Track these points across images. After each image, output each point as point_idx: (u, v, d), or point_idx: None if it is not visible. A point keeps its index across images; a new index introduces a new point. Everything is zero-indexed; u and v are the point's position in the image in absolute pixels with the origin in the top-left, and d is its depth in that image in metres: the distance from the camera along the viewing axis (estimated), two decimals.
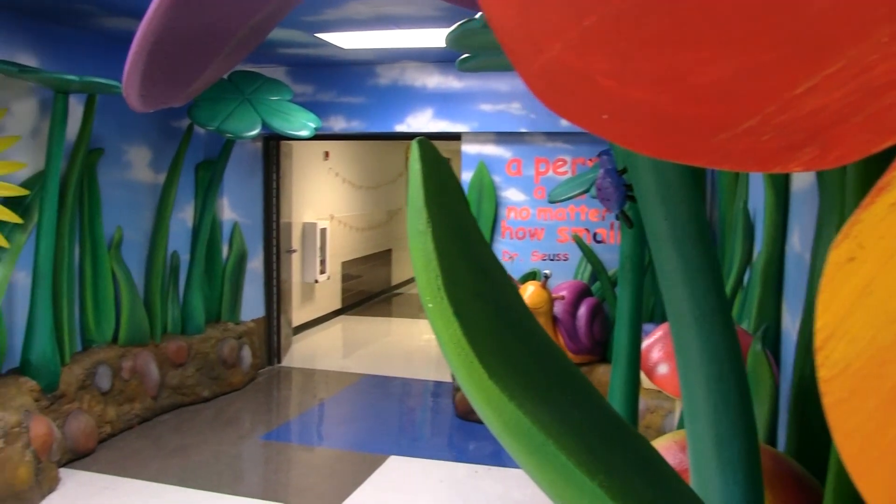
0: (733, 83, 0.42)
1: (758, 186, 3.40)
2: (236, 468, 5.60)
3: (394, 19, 5.44)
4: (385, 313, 11.94)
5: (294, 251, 8.97)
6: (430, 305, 0.78)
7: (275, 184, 8.12)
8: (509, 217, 6.96)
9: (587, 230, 6.80)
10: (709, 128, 0.44)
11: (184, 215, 7.06)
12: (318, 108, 7.26)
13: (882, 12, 0.39)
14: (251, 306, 7.84)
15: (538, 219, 6.94)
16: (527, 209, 6.93)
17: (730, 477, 1.11)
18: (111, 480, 5.13)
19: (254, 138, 6.76)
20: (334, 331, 10.47)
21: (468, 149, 7.07)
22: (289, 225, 8.53)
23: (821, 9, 0.38)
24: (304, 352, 9.01)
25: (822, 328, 0.45)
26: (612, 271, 6.43)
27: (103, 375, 5.80)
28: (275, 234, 8.17)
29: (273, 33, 5.47)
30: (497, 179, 6.97)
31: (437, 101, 7.14)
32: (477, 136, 7.05)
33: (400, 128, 7.28)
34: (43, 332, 5.19)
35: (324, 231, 10.00)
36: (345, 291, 11.44)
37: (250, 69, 7.04)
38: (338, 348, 9.65)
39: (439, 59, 6.95)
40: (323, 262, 10.01)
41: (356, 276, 11.84)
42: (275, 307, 8.23)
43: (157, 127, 6.70)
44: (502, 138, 7.01)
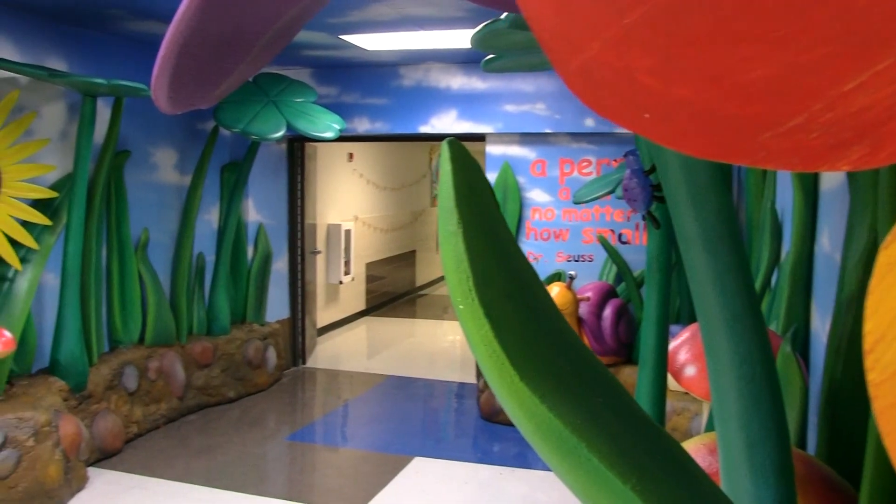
0: (779, 80, 0.41)
1: (785, 186, 3.37)
2: (261, 468, 5.63)
3: (417, 20, 5.44)
4: (409, 314, 11.95)
5: (318, 252, 9.00)
6: (461, 307, 0.78)
7: (299, 185, 8.15)
8: (534, 218, 6.94)
9: (612, 231, 6.77)
10: (753, 126, 0.43)
11: (209, 217, 7.11)
12: (342, 109, 7.28)
13: None
14: (276, 307, 7.88)
15: (563, 220, 6.91)
16: (551, 210, 6.91)
17: (761, 481, 1.10)
18: (138, 480, 5.17)
19: (278, 140, 6.78)
20: (359, 332, 10.49)
21: (492, 150, 7.05)
22: (313, 226, 8.56)
23: (869, 4, 0.37)
24: (328, 353, 9.04)
25: (872, 331, 0.44)
26: (637, 272, 6.39)
27: (130, 376, 5.85)
28: (299, 236, 8.20)
29: (297, 35, 5.49)
30: (521, 180, 6.95)
31: (462, 101, 7.13)
32: (501, 137, 7.04)
33: (424, 129, 7.28)
34: (71, 333, 5.24)
35: (348, 232, 10.03)
36: (369, 293, 11.46)
37: (275, 71, 7.08)
38: (362, 349, 9.67)
39: (463, 59, 6.95)
40: (347, 264, 10.03)
41: (380, 278, 11.86)
42: (299, 308, 8.26)
43: (183, 129, 6.75)
44: (527, 139, 6.99)
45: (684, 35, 0.41)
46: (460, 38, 5.87)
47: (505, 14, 2.06)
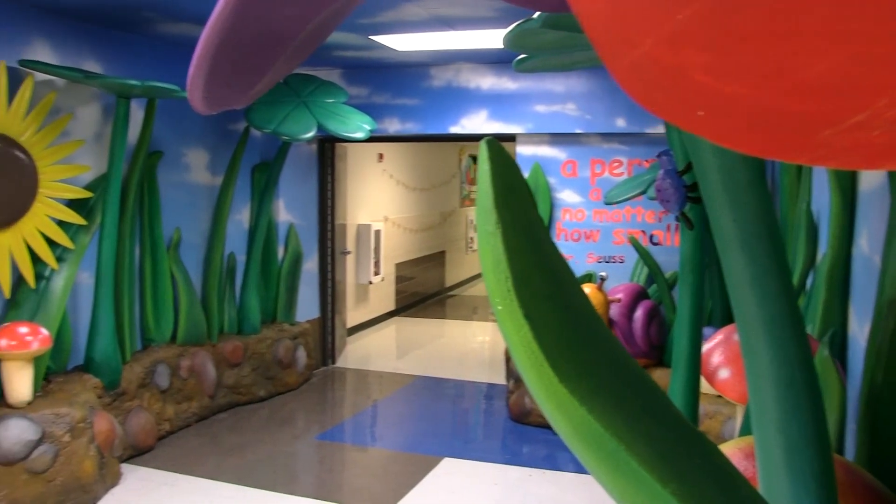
0: (841, 75, 0.39)
1: (821, 187, 3.32)
2: (291, 467, 5.65)
3: (448, 21, 5.43)
4: (439, 315, 11.95)
5: (348, 252, 9.03)
6: (500, 307, 0.77)
7: (330, 186, 8.18)
8: (564, 219, 6.91)
9: (643, 232, 6.72)
10: (813, 123, 0.42)
11: (240, 217, 7.16)
12: (372, 110, 7.30)
13: None
14: (306, 307, 7.91)
15: (594, 220, 6.87)
16: (582, 211, 6.87)
17: (801, 487, 1.08)
18: (170, 477, 5.21)
19: (309, 140, 6.81)
20: (388, 332, 10.51)
21: (523, 150, 7.03)
22: (343, 226, 8.58)
23: None
24: (358, 353, 9.07)
25: None
26: (668, 274, 6.33)
27: (162, 374, 5.90)
28: (329, 236, 8.23)
29: (328, 36, 5.52)
30: (552, 181, 6.92)
31: (492, 102, 7.12)
32: (531, 138, 7.01)
33: (454, 129, 7.28)
34: (105, 331, 5.30)
35: (378, 232, 10.05)
36: (398, 293, 11.48)
37: (306, 72, 7.11)
38: (391, 349, 9.68)
39: (494, 60, 6.93)
40: (377, 264, 10.05)
41: (410, 278, 11.88)
42: (329, 308, 8.29)
43: (215, 130, 6.80)
44: (557, 139, 6.96)
45: (740, 30, 0.40)
46: (491, 38, 5.85)
47: (537, 13, 2.05)
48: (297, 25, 0.85)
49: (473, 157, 14.97)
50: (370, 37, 5.98)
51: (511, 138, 7.14)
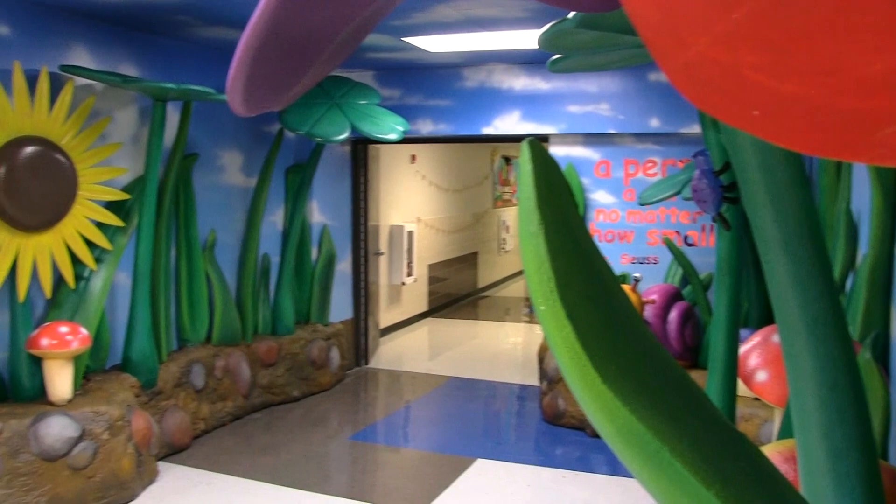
0: None
1: (860, 186, 3.27)
2: (325, 467, 5.68)
3: (481, 21, 5.43)
4: (471, 316, 11.94)
5: (381, 254, 9.05)
6: (543, 308, 0.76)
7: (363, 187, 8.21)
8: (598, 220, 6.87)
9: (678, 233, 6.66)
10: (871, 122, 0.41)
11: (274, 218, 7.21)
12: (405, 111, 7.31)
13: None
14: (340, 308, 7.95)
15: (627, 221, 6.83)
16: (616, 211, 6.83)
17: (846, 492, 1.06)
18: (205, 475, 5.26)
19: (342, 142, 6.85)
20: (421, 333, 10.53)
21: (556, 151, 7.01)
22: (376, 227, 8.61)
23: None
24: (390, 353, 9.09)
25: None
26: (703, 275, 6.27)
27: (198, 374, 5.96)
28: (363, 237, 8.26)
29: None
30: (585, 181, 6.89)
31: (525, 102, 7.11)
32: (565, 138, 6.98)
33: (487, 130, 7.27)
34: (142, 331, 5.37)
35: (410, 234, 10.07)
36: (431, 294, 11.49)
37: (339, 74, 7.14)
38: (424, 350, 9.70)
39: (526, 60, 6.92)
40: (410, 265, 10.07)
41: (442, 279, 11.88)
42: (362, 309, 8.33)
43: (249, 132, 6.86)
44: (590, 140, 6.92)
45: (797, 28, 0.39)
46: (523, 39, 5.84)
47: (572, 13, 2.04)
48: (337, 26, 0.85)
49: (506, 158, 14.95)
50: (403, 38, 6.00)
51: (544, 139, 7.11)
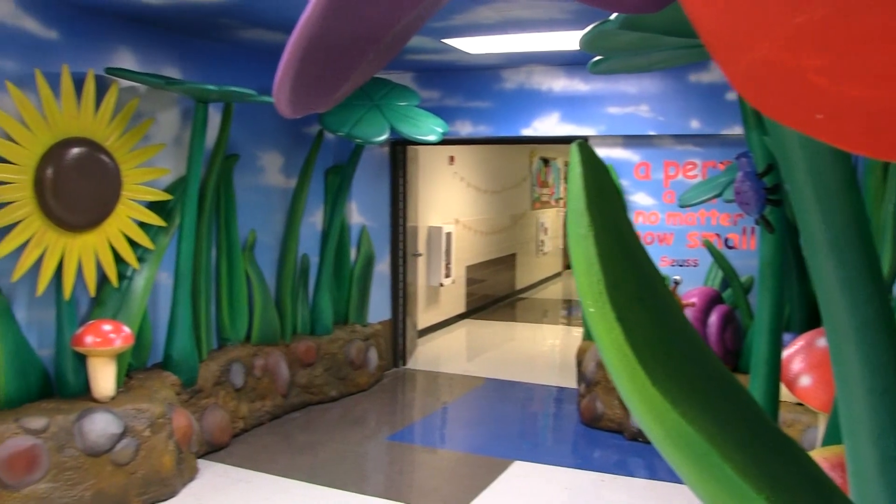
0: None
1: None
2: (362, 467, 5.71)
3: (520, 23, 5.42)
4: (509, 318, 11.92)
5: (420, 255, 9.08)
6: (592, 310, 0.76)
7: (401, 188, 8.24)
8: (637, 222, 6.82)
9: (718, 235, 6.59)
10: None
11: (314, 219, 7.26)
12: (444, 112, 7.32)
13: None
14: (378, 309, 7.98)
15: (667, 223, 6.77)
16: (655, 214, 6.77)
17: None
18: (244, 473, 5.32)
19: (382, 143, 6.88)
20: (458, 334, 10.53)
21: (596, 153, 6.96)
22: (415, 229, 8.64)
23: None
24: (428, 354, 9.10)
25: None
26: (744, 278, 6.19)
27: (237, 372, 6.03)
28: (401, 238, 8.29)
29: None
30: (625, 183, 6.84)
31: (564, 104, 7.08)
32: (604, 140, 6.94)
33: (526, 132, 7.26)
34: (183, 330, 5.44)
35: (449, 235, 10.08)
36: (469, 295, 11.49)
37: (378, 75, 7.17)
38: (462, 352, 9.70)
39: (566, 61, 6.89)
40: (448, 266, 10.08)
41: (480, 280, 11.88)
42: (401, 310, 8.35)
43: (289, 133, 6.92)
44: (630, 141, 6.88)
45: (861, 32, 0.39)
46: (563, 40, 5.82)
47: (614, 15, 2.03)
48: (384, 28, 0.86)
49: (544, 160, 14.91)
50: (442, 40, 6.01)
51: (583, 140, 7.07)
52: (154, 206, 5.31)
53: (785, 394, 2.53)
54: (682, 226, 6.72)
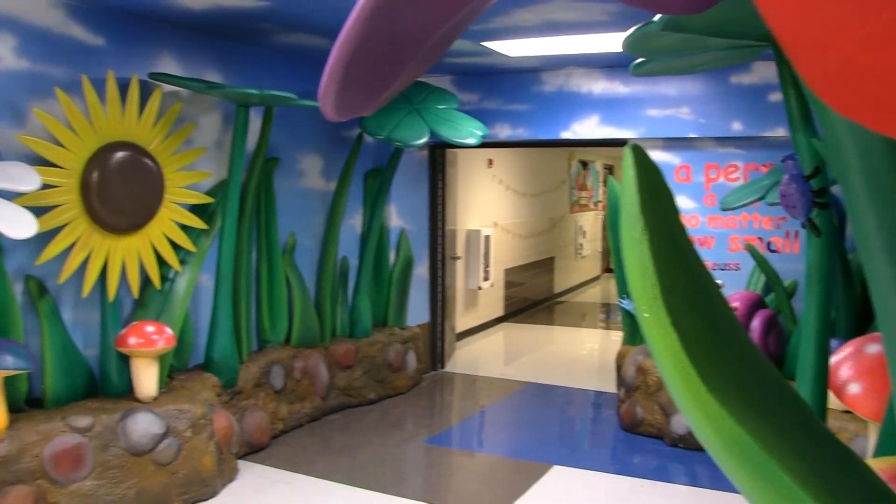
0: None
1: None
2: (400, 470, 5.71)
3: (560, 25, 5.40)
4: (547, 321, 11.87)
5: (458, 258, 9.07)
6: (646, 315, 0.75)
7: (440, 191, 8.24)
8: None
9: (760, 239, 6.50)
10: None
11: (353, 222, 7.29)
12: (483, 115, 7.31)
13: None
14: (416, 312, 7.99)
15: (708, 227, 6.69)
16: (696, 217, 6.70)
17: None
18: (283, 475, 5.35)
19: (421, 147, 6.88)
20: (496, 338, 10.51)
21: None
22: (453, 232, 8.64)
23: None
24: (466, 358, 9.09)
25: None
26: (787, 282, 6.10)
27: (277, 374, 6.07)
28: (440, 241, 8.29)
29: None
30: None
31: (604, 106, 7.03)
32: (644, 142, 6.88)
33: (565, 134, 7.22)
34: (224, 332, 5.49)
35: (487, 238, 10.06)
36: (507, 298, 11.46)
37: (417, 78, 7.18)
38: (500, 355, 9.68)
39: (606, 64, 6.85)
40: (486, 269, 10.06)
41: (519, 284, 11.84)
42: (439, 313, 8.35)
43: (329, 136, 6.96)
44: (671, 144, 6.81)
45: None
46: (603, 43, 5.78)
47: (658, 16, 2.01)
48: (429, 31, 0.85)
49: (583, 163, 14.84)
50: (482, 43, 6.00)
51: (623, 143, 7.03)
52: (196, 209, 5.37)
53: (832, 401, 2.49)
54: (723, 229, 6.64)
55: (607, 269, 16.45)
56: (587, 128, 7.10)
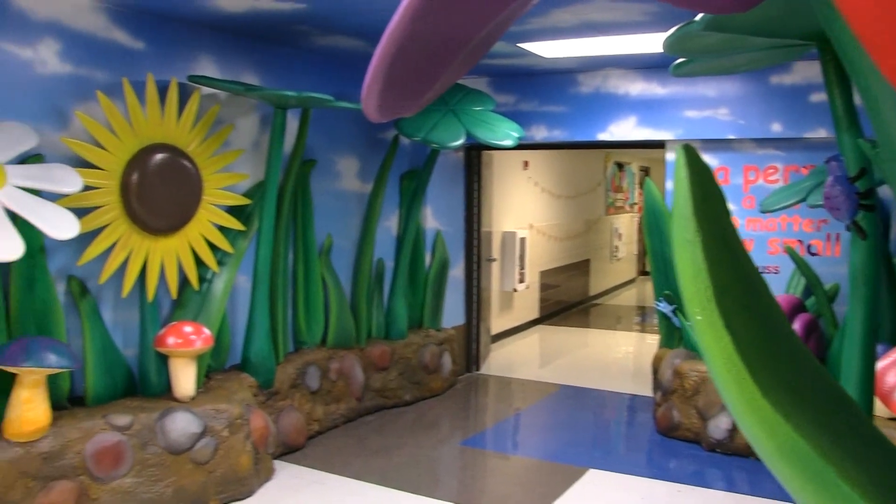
0: None
1: None
2: (435, 472, 5.71)
3: (598, 26, 5.36)
4: (582, 324, 11.80)
5: (494, 260, 9.05)
6: (699, 317, 0.74)
7: (476, 193, 8.23)
8: None
9: (800, 242, 6.40)
10: None
11: (389, 223, 7.31)
12: (519, 117, 7.29)
13: None
14: (452, 313, 7.99)
15: (747, 229, 6.60)
16: (735, 219, 6.59)
17: None
18: (319, 475, 5.37)
19: (457, 148, 6.87)
20: (532, 340, 10.47)
21: (672, 157, 6.85)
22: (489, 234, 8.62)
23: None
24: (501, 360, 9.07)
25: None
26: (828, 286, 6.00)
27: (313, 375, 6.10)
28: (475, 243, 8.28)
29: None
30: None
31: (641, 108, 6.97)
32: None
33: (602, 136, 7.17)
34: (261, 333, 5.52)
35: (523, 240, 10.03)
36: (542, 301, 11.41)
37: None
38: (535, 358, 9.64)
39: (643, 65, 6.79)
40: (522, 271, 10.03)
41: (554, 286, 11.79)
42: (474, 315, 8.34)
43: (365, 138, 6.98)
44: (709, 145, 6.74)
45: None
46: (641, 43, 5.73)
47: (700, 16, 1.98)
48: (470, 33, 0.85)
49: (619, 165, 14.74)
50: (518, 44, 5.98)
51: (660, 145, 6.97)
52: (233, 211, 5.41)
53: (878, 407, 2.44)
54: (762, 232, 6.55)
55: (643, 272, 16.32)
56: (624, 129, 7.05)
